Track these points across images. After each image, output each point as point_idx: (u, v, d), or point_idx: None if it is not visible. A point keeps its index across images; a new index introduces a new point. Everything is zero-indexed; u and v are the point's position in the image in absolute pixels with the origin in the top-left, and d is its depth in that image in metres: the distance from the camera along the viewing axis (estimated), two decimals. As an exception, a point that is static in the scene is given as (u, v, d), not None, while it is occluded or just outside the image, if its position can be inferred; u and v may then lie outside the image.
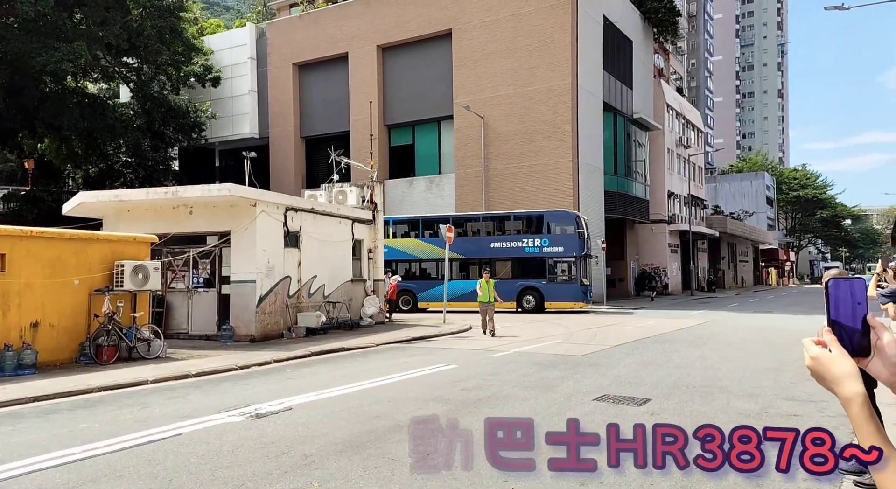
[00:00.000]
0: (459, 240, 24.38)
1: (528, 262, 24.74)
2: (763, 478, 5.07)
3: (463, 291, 23.88)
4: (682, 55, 60.94)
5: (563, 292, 24.14)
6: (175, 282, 15.22)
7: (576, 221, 24.44)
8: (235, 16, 74.65)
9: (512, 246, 24.98)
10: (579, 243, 24.00)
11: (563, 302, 24.18)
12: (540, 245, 24.56)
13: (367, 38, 34.79)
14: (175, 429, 6.47)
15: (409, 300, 25.66)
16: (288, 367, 10.92)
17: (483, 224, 26.52)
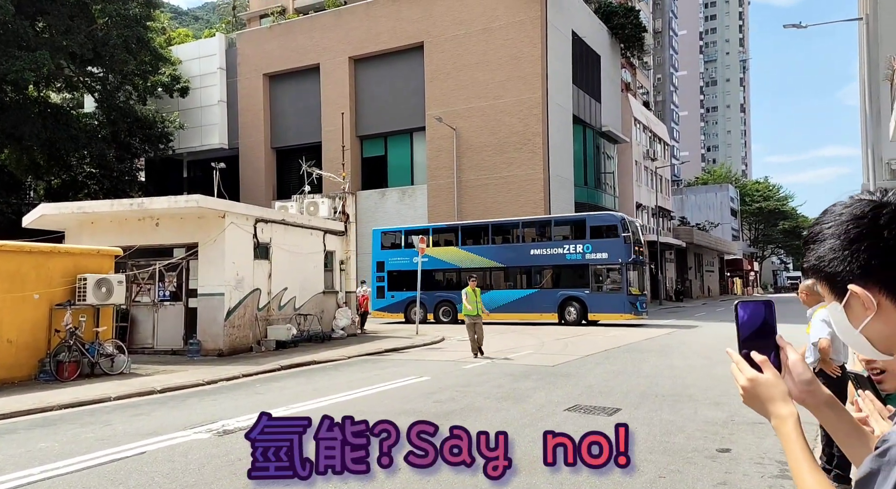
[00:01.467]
0: (499, 247, 24.05)
1: (570, 270, 23.01)
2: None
3: (505, 301, 23.42)
4: (648, 70, 62.39)
5: (608, 303, 22.10)
6: (140, 296, 14.86)
7: (621, 225, 22.31)
8: (204, 26, 73.91)
9: (552, 253, 23.33)
10: (625, 249, 21.87)
11: (608, 313, 22.20)
12: (582, 251, 22.63)
13: (339, 50, 34.77)
14: (139, 447, 6.28)
15: (450, 311, 24.50)
16: (257, 382, 10.71)
17: (523, 230, 24.87)
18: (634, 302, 21.99)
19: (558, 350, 14.89)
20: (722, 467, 5.51)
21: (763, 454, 5.81)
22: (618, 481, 5.14)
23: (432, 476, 5.32)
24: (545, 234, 24.25)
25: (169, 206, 14.16)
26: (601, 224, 23.07)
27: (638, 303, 22.11)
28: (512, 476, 5.29)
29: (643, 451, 6.00)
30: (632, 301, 21.87)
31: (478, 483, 5.18)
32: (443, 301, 24.68)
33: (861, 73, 34.67)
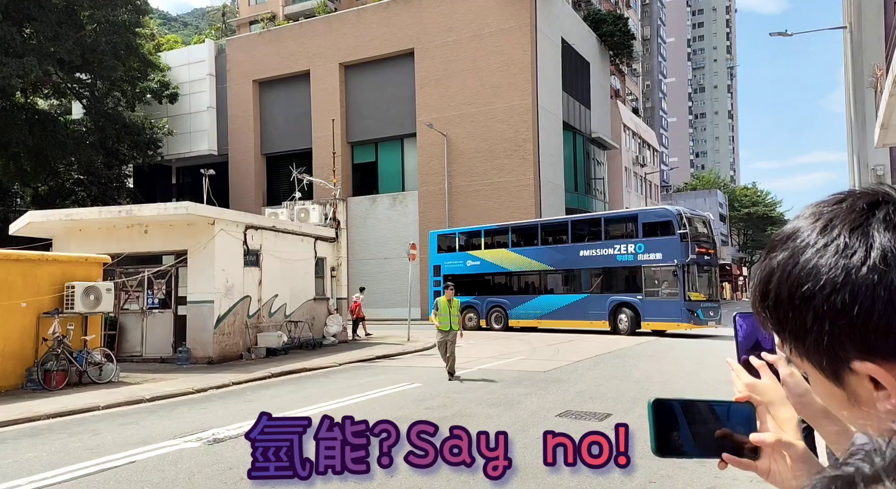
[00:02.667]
0: (548, 248, 22.62)
1: (621, 273, 20.73)
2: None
3: (554, 307, 22.15)
4: (637, 77, 62.91)
5: (662, 309, 19.61)
6: (129, 304, 14.74)
7: (677, 221, 19.58)
8: (194, 32, 73.75)
9: (602, 254, 21.14)
10: (682, 248, 19.21)
11: (663, 321, 19.75)
12: (634, 251, 20.33)
13: (329, 56, 34.81)
14: (128, 456, 6.23)
15: (501, 317, 23.42)
16: (247, 390, 10.66)
17: (572, 230, 22.76)
18: (694, 309, 19.22)
19: (549, 356, 14.92)
20: (711, 472, 5.54)
21: (752, 458, 5.85)
22: (607, 486, 5.17)
23: (432, 476, 5.32)
24: (595, 234, 21.99)
25: (158, 212, 14.09)
26: (655, 220, 20.43)
27: (700, 311, 19.35)
28: (511, 476, 5.31)
29: (634, 456, 6.01)
30: (690, 307, 19.13)
31: (476, 483, 5.19)
32: (494, 306, 23.54)
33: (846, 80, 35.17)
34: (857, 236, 0.61)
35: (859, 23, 24.20)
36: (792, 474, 0.82)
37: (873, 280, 0.58)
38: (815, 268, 0.62)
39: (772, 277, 0.66)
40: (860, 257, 0.60)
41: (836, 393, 0.65)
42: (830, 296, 0.60)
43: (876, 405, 0.61)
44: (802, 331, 0.64)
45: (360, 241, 32.56)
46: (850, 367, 0.61)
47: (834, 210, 0.65)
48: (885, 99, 14.36)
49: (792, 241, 0.66)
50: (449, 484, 5.28)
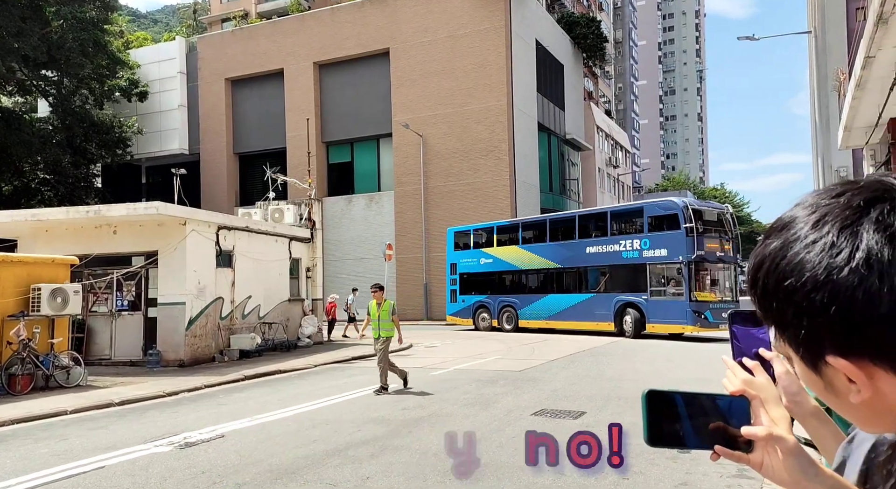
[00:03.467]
0: (556, 245, 21.36)
1: (627, 271, 19.28)
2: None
3: (561, 308, 20.94)
4: (609, 79, 63.69)
5: (667, 310, 18.16)
6: (97, 306, 14.42)
7: (682, 214, 17.85)
8: (164, 29, 72.42)
9: (608, 250, 19.75)
10: (687, 243, 17.61)
11: (667, 323, 18.22)
12: (639, 248, 18.85)
13: (303, 55, 34.52)
14: (97, 461, 6.10)
15: (512, 317, 22.40)
16: (220, 393, 10.51)
17: (579, 225, 21.34)
18: (701, 310, 17.55)
19: (525, 355, 15.02)
20: (683, 468, 5.65)
21: (723, 454, 5.96)
22: (582, 483, 5.23)
23: (409, 479, 5.31)
24: (601, 229, 20.50)
25: (128, 213, 13.81)
26: (660, 214, 18.68)
27: (708, 312, 17.58)
28: (486, 474, 5.32)
29: (627, 455, 6.10)
30: (697, 309, 17.52)
31: (452, 483, 5.19)
32: (505, 306, 22.52)
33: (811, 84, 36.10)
34: (846, 235, 0.62)
35: (823, 28, 24.88)
36: (784, 468, 0.84)
37: (853, 282, 0.59)
38: (800, 263, 0.63)
39: (762, 266, 0.68)
40: (844, 258, 0.60)
41: (815, 380, 0.68)
42: (811, 293, 0.61)
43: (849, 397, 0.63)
44: (784, 323, 0.66)
45: (336, 241, 32.35)
46: (826, 361, 0.63)
47: (831, 204, 0.65)
48: (848, 102, 14.79)
49: (786, 230, 0.67)
50: (426, 484, 5.29)
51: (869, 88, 12.64)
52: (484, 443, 6.54)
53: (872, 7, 9.90)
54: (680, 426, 0.87)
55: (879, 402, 0.62)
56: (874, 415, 0.65)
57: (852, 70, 13.95)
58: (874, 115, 14.55)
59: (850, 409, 0.66)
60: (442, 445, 6.49)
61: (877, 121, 15.06)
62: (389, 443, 6.65)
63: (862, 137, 17.06)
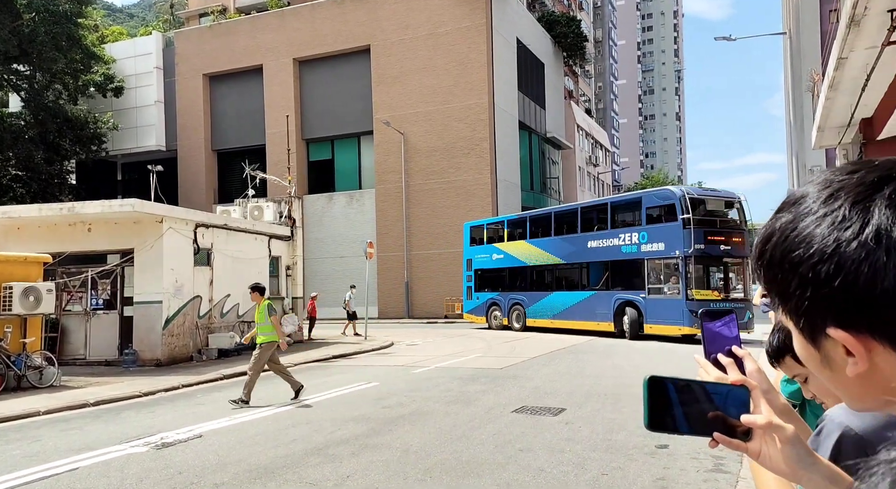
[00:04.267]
0: (560, 240, 20.15)
1: (626, 267, 17.84)
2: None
3: (564, 306, 19.73)
4: (589, 78, 64.15)
5: (664, 310, 16.66)
6: (71, 305, 14.16)
7: (680, 204, 16.27)
8: (140, 24, 71.19)
9: (608, 244, 18.38)
10: (684, 236, 15.99)
11: (664, 324, 16.69)
12: (638, 241, 17.40)
13: (283, 51, 34.20)
14: (71, 463, 5.98)
15: (521, 316, 21.45)
16: (198, 392, 10.38)
17: (581, 218, 19.92)
18: (696, 310, 15.54)
19: (505, 353, 15.07)
20: (661, 463, 5.71)
21: (698, 449, 6.05)
22: (562, 480, 5.26)
23: (390, 477, 5.29)
24: (602, 221, 19.11)
25: (103, 210, 13.56)
26: (657, 204, 17.27)
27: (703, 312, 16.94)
28: (461, 477, 5.33)
29: (587, 450, 6.16)
30: (694, 308, 15.78)
31: (433, 482, 5.19)
32: (515, 304, 21.54)
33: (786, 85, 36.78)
34: (857, 210, 0.62)
35: (798, 29, 25.33)
36: (781, 457, 0.85)
37: (860, 256, 0.60)
38: (809, 235, 0.64)
39: (771, 238, 0.68)
40: (853, 232, 0.61)
41: (812, 354, 0.68)
42: (817, 265, 0.62)
43: (846, 370, 0.64)
44: (787, 294, 0.66)
45: (317, 239, 32.13)
46: (826, 333, 0.64)
47: (843, 180, 0.65)
48: (821, 103, 15.07)
49: (797, 205, 0.67)
50: (406, 482, 5.27)
51: (841, 89, 12.90)
52: (464, 441, 6.55)
53: (845, 9, 10.10)
54: (679, 412, 0.88)
55: (874, 377, 0.63)
56: (865, 392, 0.66)
57: (825, 71, 14.23)
58: (847, 115, 14.86)
59: (844, 384, 0.67)
60: (423, 443, 6.49)
61: (849, 121, 15.38)
62: (370, 441, 6.62)
63: (835, 137, 17.41)
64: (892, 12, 9.25)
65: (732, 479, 5.22)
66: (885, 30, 9.60)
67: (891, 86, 12.09)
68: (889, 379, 0.62)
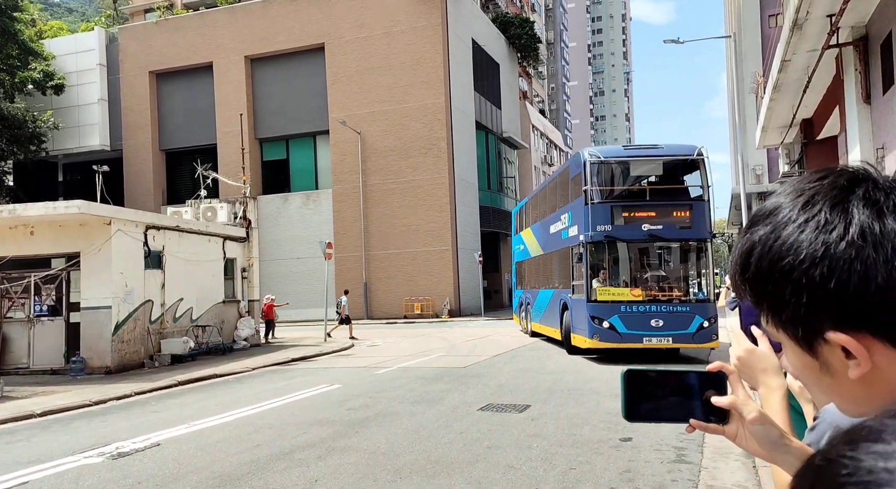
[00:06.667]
0: (540, 225, 16.69)
1: (561, 258, 14.28)
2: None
3: (542, 308, 16.35)
4: (543, 79, 65.09)
5: (578, 314, 12.75)
6: (13, 311, 13.47)
7: (583, 173, 12.32)
8: (80, 19, 68.31)
9: (554, 230, 14.98)
10: (586, 214, 12.13)
11: (580, 333, 12.60)
12: (567, 225, 13.77)
13: (234, 48, 33.39)
14: (19, 477, 5.68)
15: (528, 317, 18.57)
16: (152, 400, 10.02)
17: (548, 196, 16.22)
18: (602, 315, 11.86)
19: (468, 351, 15.12)
20: (625, 455, 5.83)
21: (661, 441, 6.21)
22: (531, 475, 5.31)
23: (360, 479, 5.22)
24: (561, 198, 14.70)
25: (46, 212, 12.93)
26: (575, 174, 13.15)
27: (616, 319, 11.79)
28: (431, 477, 5.31)
29: (553, 445, 6.23)
30: (595, 313, 11.91)
31: (402, 482, 5.15)
32: (526, 304, 18.64)
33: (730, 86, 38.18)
34: (837, 212, 0.63)
35: (741, 32, 26.33)
36: (753, 437, 0.88)
37: (851, 255, 0.61)
38: (795, 242, 0.64)
39: (753, 251, 0.68)
40: (839, 233, 0.62)
41: (809, 363, 0.68)
42: (809, 269, 0.63)
43: (847, 373, 0.64)
44: (781, 303, 0.66)
45: (272, 240, 31.50)
46: (825, 338, 0.64)
47: (815, 186, 0.67)
48: (765, 104, 15.72)
49: (773, 216, 0.68)
50: (376, 484, 5.22)
51: (784, 90, 13.48)
52: (432, 441, 6.53)
53: (788, 13, 10.55)
54: (656, 402, 0.90)
55: (876, 378, 0.63)
56: (868, 394, 0.65)
57: (769, 73, 14.85)
58: (789, 115, 15.54)
59: (845, 389, 0.67)
60: (391, 444, 6.43)
61: (791, 121, 16.09)
62: (337, 444, 6.53)
63: (778, 137, 18.19)
64: (832, 17, 9.72)
65: (695, 469, 5.37)
66: (826, 33, 10.08)
67: (829, 87, 12.72)
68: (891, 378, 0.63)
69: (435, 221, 29.94)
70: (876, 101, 9.99)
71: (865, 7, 9.52)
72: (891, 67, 9.35)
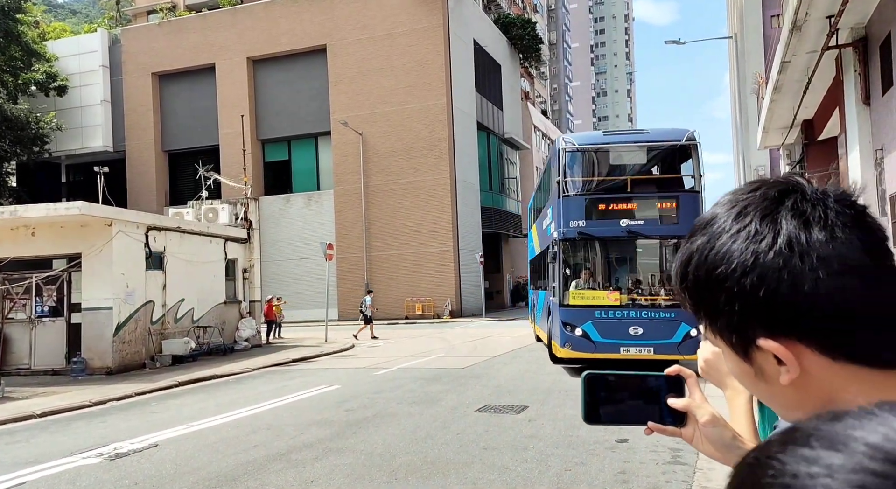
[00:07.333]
0: (538, 222, 15.45)
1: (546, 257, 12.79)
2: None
3: (539, 310, 14.99)
4: (545, 80, 65.06)
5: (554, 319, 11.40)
6: (14, 312, 13.53)
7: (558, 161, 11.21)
8: (83, 20, 68.56)
9: (544, 227, 13.57)
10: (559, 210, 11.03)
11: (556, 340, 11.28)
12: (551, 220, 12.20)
13: (236, 50, 33.48)
14: (17, 477, 5.71)
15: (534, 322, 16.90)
16: (152, 400, 10.06)
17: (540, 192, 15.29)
18: (574, 322, 10.51)
19: (467, 352, 15.13)
20: (621, 457, 5.84)
21: (657, 443, 6.21)
22: (526, 477, 5.32)
23: (354, 480, 5.24)
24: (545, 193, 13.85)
25: (47, 213, 12.99)
26: (552, 163, 12.06)
27: (589, 325, 10.43)
28: (427, 478, 5.33)
29: (549, 446, 6.24)
30: (567, 318, 10.59)
31: (398, 483, 5.17)
32: (534, 307, 16.94)
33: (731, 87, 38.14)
34: (766, 223, 0.66)
35: (742, 34, 26.30)
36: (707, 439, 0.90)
37: (779, 264, 0.63)
38: (728, 252, 0.66)
39: (691, 260, 0.70)
40: (768, 242, 0.64)
41: (746, 369, 0.70)
42: (741, 278, 0.65)
43: (779, 379, 0.66)
44: (716, 311, 0.68)
45: (274, 241, 31.57)
46: (757, 345, 0.66)
47: (748, 198, 0.69)
48: (765, 105, 15.70)
49: (710, 226, 0.70)
50: (372, 485, 5.24)
51: (784, 91, 13.46)
52: (429, 442, 6.54)
53: (787, 15, 10.54)
54: (615, 405, 0.92)
55: (807, 384, 0.65)
56: (800, 399, 0.67)
57: (769, 74, 14.83)
58: (789, 116, 15.51)
59: (779, 395, 0.69)
60: (388, 445, 6.45)
61: (792, 122, 16.06)
62: (334, 445, 6.55)
63: (778, 138, 18.16)
64: (831, 18, 9.70)
65: (690, 471, 5.38)
66: (825, 35, 10.07)
67: (829, 89, 12.69)
68: (821, 384, 0.64)
69: (436, 222, 29.96)
70: (875, 102, 9.97)
71: (865, 8, 9.51)
72: (890, 69, 9.34)
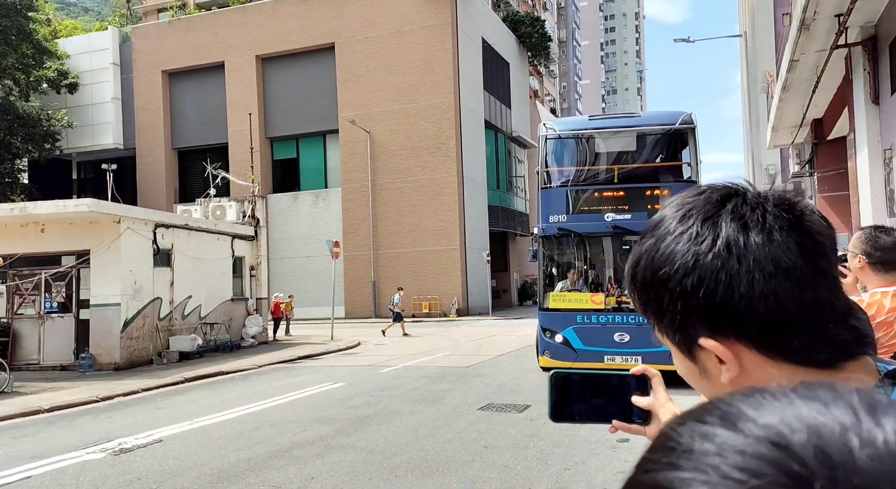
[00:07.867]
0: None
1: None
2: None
3: None
4: (554, 78, 64.88)
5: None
6: (24, 308, 13.68)
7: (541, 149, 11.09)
8: (95, 18, 69.08)
9: None
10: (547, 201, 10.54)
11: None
12: None
13: (245, 48, 33.62)
14: (23, 471, 5.79)
15: None
16: (158, 396, 10.15)
17: None
18: (553, 327, 9.58)
19: (472, 351, 15.14)
20: (621, 456, 5.83)
21: (660, 440, 6.18)
22: (525, 475, 5.32)
23: (353, 478, 5.27)
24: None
25: (57, 210, 13.12)
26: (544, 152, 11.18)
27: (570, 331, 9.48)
28: (426, 476, 5.35)
29: (550, 445, 6.24)
30: (546, 323, 9.70)
31: (398, 481, 5.19)
32: None
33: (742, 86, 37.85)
34: (707, 226, 0.67)
35: (753, 32, 26.08)
36: None
37: (717, 265, 0.65)
38: (672, 253, 0.68)
39: (639, 261, 0.72)
40: (708, 244, 0.66)
41: (691, 368, 0.72)
42: (683, 279, 0.67)
43: (720, 378, 0.67)
44: (661, 311, 0.70)
45: (281, 239, 31.71)
46: (699, 344, 0.67)
47: (693, 201, 0.71)
48: (775, 103, 15.58)
49: (657, 228, 0.72)
50: (371, 482, 5.26)
51: (794, 90, 13.35)
52: (430, 440, 6.56)
53: (796, 13, 10.45)
54: (582, 404, 0.93)
55: (745, 381, 0.66)
56: None
57: (779, 73, 14.71)
58: (799, 115, 15.38)
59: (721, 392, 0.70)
60: (389, 442, 6.48)
61: (801, 121, 15.92)
62: (335, 442, 6.58)
63: (788, 137, 18.01)
64: (840, 17, 9.61)
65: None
66: (833, 33, 9.97)
67: (839, 88, 12.57)
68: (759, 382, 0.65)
69: (443, 220, 29.97)
70: (884, 101, 9.87)
71: (874, 7, 9.41)
72: (899, 67, 9.24)
